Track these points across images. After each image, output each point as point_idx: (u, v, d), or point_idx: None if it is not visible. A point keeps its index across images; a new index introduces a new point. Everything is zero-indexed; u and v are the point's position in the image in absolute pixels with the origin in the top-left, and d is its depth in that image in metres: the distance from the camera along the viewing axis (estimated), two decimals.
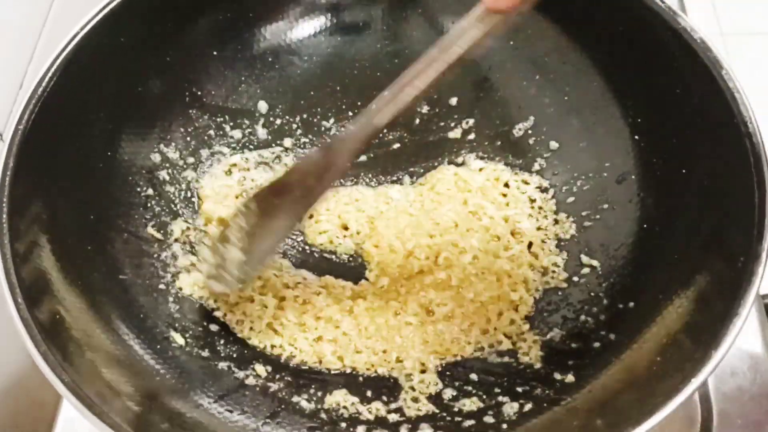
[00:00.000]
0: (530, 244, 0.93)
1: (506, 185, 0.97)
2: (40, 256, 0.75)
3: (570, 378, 0.78)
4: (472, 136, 1.01)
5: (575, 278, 0.89)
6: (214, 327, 0.86)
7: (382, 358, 0.85)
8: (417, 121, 1.02)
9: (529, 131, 0.99)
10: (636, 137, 0.90)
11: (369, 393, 0.82)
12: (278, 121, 1.02)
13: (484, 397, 0.80)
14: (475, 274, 0.91)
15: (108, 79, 0.88)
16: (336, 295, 0.90)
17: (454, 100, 1.02)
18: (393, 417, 0.79)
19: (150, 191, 0.91)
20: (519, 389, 0.80)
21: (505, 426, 0.76)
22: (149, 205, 0.91)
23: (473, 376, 0.83)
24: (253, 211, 0.87)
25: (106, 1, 0.86)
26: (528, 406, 0.77)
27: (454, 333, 0.87)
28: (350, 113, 1.02)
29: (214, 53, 0.98)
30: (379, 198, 0.98)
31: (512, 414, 0.77)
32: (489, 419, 0.77)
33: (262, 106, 1.01)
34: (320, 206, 0.96)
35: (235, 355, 0.84)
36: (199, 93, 0.98)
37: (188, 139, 0.97)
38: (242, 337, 0.86)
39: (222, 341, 0.85)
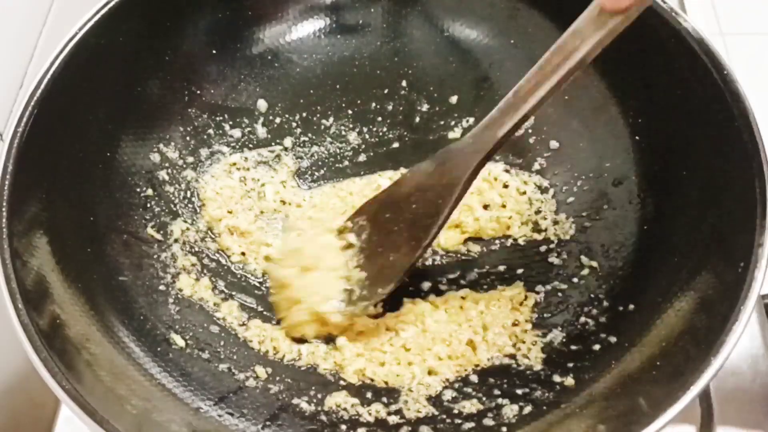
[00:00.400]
0: None
1: (505, 186, 0.97)
2: (39, 258, 0.75)
3: (570, 381, 0.78)
4: None
5: (575, 279, 0.88)
6: (214, 328, 0.85)
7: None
8: (417, 119, 1.02)
9: (529, 131, 0.99)
10: (636, 137, 0.90)
11: (369, 395, 0.82)
12: (278, 120, 1.01)
13: (484, 399, 0.80)
14: None
15: (107, 78, 0.88)
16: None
17: (454, 99, 1.02)
18: (393, 419, 0.79)
19: (149, 191, 0.91)
20: (519, 391, 0.80)
21: (504, 429, 0.76)
22: (149, 205, 0.90)
23: (473, 378, 0.83)
24: (364, 227, 0.88)
25: (105, 0, 0.86)
26: (528, 409, 0.77)
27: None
28: (350, 111, 1.02)
29: (213, 52, 0.98)
30: (367, 187, 0.99)
31: (512, 416, 0.77)
32: (488, 421, 0.77)
33: (262, 104, 1.01)
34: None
35: (235, 357, 0.83)
36: (198, 92, 0.98)
37: (187, 138, 0.97)
38: (242, 339, 0.86)
39: (222, 343, 0.84)
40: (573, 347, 0.82)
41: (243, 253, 0.93)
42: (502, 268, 0.93)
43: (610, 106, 0.92)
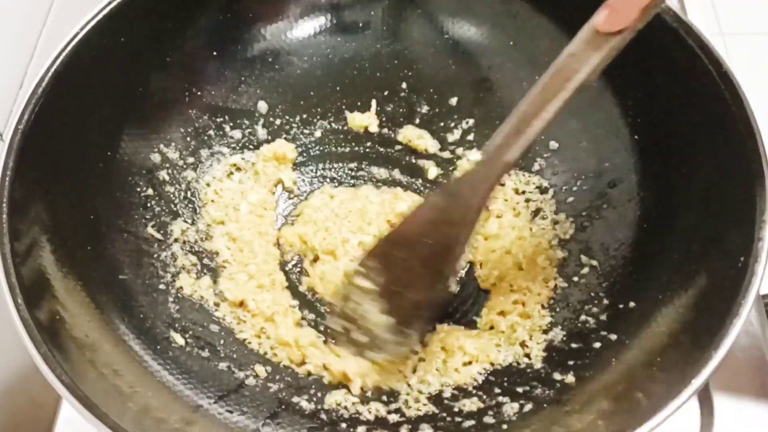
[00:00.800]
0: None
1: (501, 184, 0.97)
2: (40, 256, 0.75)
3: (570, 378, 0.78)
4: (471, 137, 1.01)
5: (575, 278, 0.89)
6: (214, 328, 0.86)
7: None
8: (417, 121, 1.02)
9: None
10: (636, 137, 0.90)
11: (369, 393, 0.82)
12: (278, 122, 1.02)
13: (484, 397, 0.80)
14: None
15: (108, 79, 0.88)
16: None
17: (454, 101, 1.02)
18: (393, 417, 0.79)
19: (150, 191, 0.91)
20: (519, 389, 0.80)
21: (505, 426, 0.76)
22: (149, 205, 0.90)
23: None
24: (376, 269, 0.86)
25: (106, 1, 0.86)
26: (528, 407, 0.77)
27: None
28: (349, 113, 1.03)
29: (214, 53, 0.98)
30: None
31: (512, 414, 0.77)
32: (489, 419, 0.77)
33: (262, 106, 1.01)
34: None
35: (235, 356, 0.83)
36: (199, 93, 0.98)
37: (188, 139, 0.97)
38: (242, 340, 0.86)
39: (222, 342, 0.84)
40: (573, 345, 0.82)
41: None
42: None
43: (610, 106, 0.92)
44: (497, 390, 0.81)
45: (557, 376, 0.79)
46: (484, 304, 0.91)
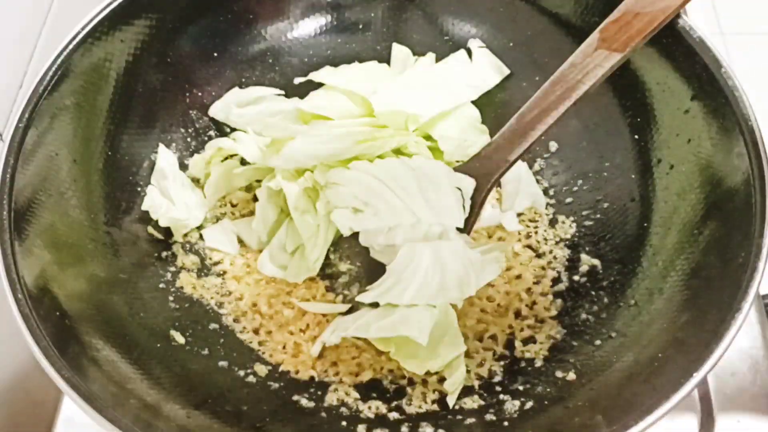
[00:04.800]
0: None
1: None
2: (40, 255, 0.75)
3: (571, 376, 0.78)
4: None
5: (575, 277, 0.89)
6: (214, 326, 0.86)
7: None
8: None
9: None
10: (636, 137, 0.90)
11: (369, 391, 0.82)
12: None
13: (485, 395, 0.80)
14: None
15: (108, 79, 0.88)
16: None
17: None
18: (393, 415, 0.79)
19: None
20: (520, 387, 0.80)
21: (506, 424, 0.75)
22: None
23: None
24: (351, 252, 0.89)
25: (107, 1, 0.86)
26: (529, 404, 0.77)
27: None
28: None
29: (215, 54, 0.98)
30: None
31: (513, 412, 0.77)
32: (490, 417, 0.77)
33: None
34: None
35: (235, 354, 0.83)
36: (200, 94, 0.98)
37: (188, 140, 0.97)
38: (242, 339, 0.86)
39: (222, 340, 0.85)
40: (574, 343, 0.83)
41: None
42: None
43: (610, 106, 0.92)
44: (498, 388, 0.81)
45: (559, 373, 0.79)
46: None
